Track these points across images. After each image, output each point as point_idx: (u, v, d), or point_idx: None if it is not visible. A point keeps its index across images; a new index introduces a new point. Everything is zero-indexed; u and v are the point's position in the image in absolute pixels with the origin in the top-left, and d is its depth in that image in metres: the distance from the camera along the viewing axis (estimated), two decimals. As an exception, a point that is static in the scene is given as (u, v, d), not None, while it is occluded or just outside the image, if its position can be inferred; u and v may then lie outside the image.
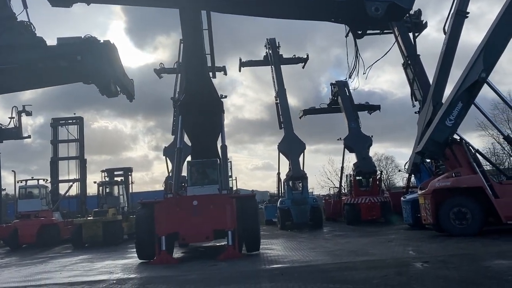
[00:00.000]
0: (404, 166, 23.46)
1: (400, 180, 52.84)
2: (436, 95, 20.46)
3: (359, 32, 10.69)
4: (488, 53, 15.81)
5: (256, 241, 13.55)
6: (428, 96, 21.25)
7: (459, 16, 20.08)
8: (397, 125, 69.73)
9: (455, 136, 16.07)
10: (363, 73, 11.89)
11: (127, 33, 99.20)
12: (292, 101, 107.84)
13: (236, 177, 17.57)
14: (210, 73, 18.84)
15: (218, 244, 17.75)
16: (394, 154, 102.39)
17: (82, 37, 9.88)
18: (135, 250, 18.29)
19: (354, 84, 36.07)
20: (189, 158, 19.55)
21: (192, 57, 16.01)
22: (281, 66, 30.14)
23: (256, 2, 10.54)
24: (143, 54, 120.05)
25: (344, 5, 9.73)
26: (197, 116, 18.11)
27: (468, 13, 20.38)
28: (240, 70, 34.29)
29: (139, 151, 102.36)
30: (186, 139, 19.52)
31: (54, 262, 15.86)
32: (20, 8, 10.28)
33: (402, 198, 21.10)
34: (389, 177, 58.46)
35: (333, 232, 21.21)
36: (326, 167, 58.86)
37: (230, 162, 18.36)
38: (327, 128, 65.40)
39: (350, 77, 11.76)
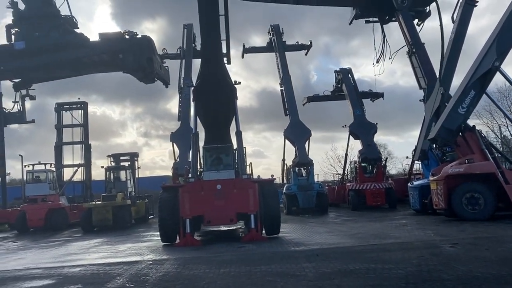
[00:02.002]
0: (412, 152, 23.93)
1: (392, 167, 53.62)
2: (444, 83, 20.82)
3: (386, 18, 10.89)
4: (501, 42, 16.11)
5: (276, 225, 13.83)
6: (435, 84, 21.59)
7: (468, 5, 20.39)
8: (386, 114, 70.65)
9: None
10: (389, 58, 12.10)
11: (112, 18, 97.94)
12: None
13: (251, 162, 17.73)
14: (225, 59, 18.94)
15: (224, 228, 18.05)
16: (384, 142, 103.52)
17: (122, 31, 10.12)
18: (147, 233, 18.81)
19: (380, 69, 36.15)
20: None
21: (208, 44, 16.04)
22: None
23: None
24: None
25: None
26: (211, 102, 18.21)
27: (477, 2, 20.70)
28: (243, 57, 34.27)
29: (127, 137, 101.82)
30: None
31: (73, 245, 15.99)
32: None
33: (409, 184, 21.59)
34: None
35: (341, 217, 21.60)
36: (329, 154, 59.22)
37: (245, 147, 18.57)
38: (328, 115, 65.72)
39: (377, 62, 11.93)
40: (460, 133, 16.32)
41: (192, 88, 18.65)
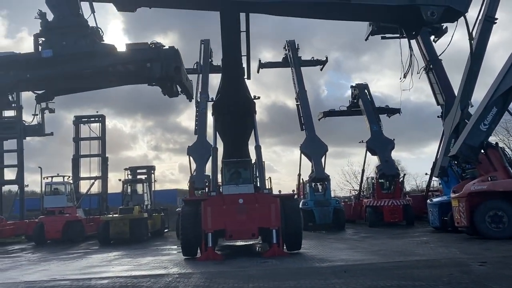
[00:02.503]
0: (431, 169, 23.74)
1: (405, 184, 53.05)
2: (463, 99, 20.75)
3: (413, 33, 10.95)
4: (524, 60, 16.07)
5: (298, 240, 13.76)
6: (455, 100, 21.52)
7: (487, 22, 20.36)
8: (397, 129, 70.10)
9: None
10: (417, 73, 12.20)
11: (125, 33, 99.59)
12: (291, 102, 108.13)
13: (270, 177, 17.70)
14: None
15: (241, 243, 17.91)
16: (397, 158, 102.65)
17: (149, 42, 10.29)
18: (165, 247, 18.81)
19: (409, 84, 35.98)
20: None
21: (229, 60, 16.20)
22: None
23: (314, 4, 10.64)
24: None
25: (400, 10, 9.96)
26: (230, 117, 18.35)
27: (497, 19, 20.67)
28: (258, 72, 34.48)
29: (138, 150, 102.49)
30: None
31: (93, 257, 16.05)
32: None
33: (428, 201, 21.38)
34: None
35: (359, 233, 21.41)
36: (345, 169, 58.82)
37: (264, 162, 18.60)
38: (339, 130, 65.60)
39: (404, 77, 12.02)
40: (482, 150, 16.20)
41: (212, 102, 18.81)
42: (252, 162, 17.97)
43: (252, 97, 19.11)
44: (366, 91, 29.73)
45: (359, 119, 29.29)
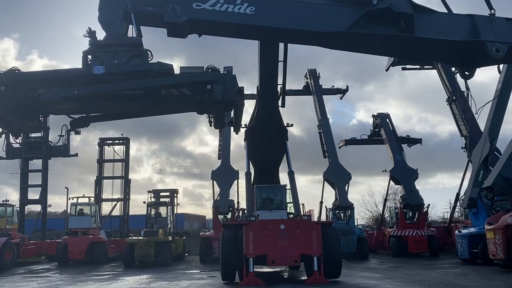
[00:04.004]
0: (460, 200, 23.68)
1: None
2: (492, 131, 20.95)
3: (467, 73, 10.93)
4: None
5: (338, 268, 13.72)
6: (483, 132, 21.72)
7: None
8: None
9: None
10: (475, 113, 12.26)
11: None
12: (295, 130, 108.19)
13: (303, 203, 17.81)
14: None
15: (268, 270, 17.73)
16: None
17: (205, 66, 9.94)
18: (193, 271, 18.72)
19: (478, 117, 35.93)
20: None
21: (266, 89, 16.55)
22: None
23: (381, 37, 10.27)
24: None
25: (464, 46, 10.01)
26: (264, 143, 18.62)
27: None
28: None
29: (143, 173, 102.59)
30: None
31: (126, 279, 16.03)
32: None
33: (456, 232, 21.26)
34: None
35: (385, 263, 21.22)
36: (365, 198, 58.30)
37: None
38: (354, 158, 65.66)
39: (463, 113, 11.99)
40: (517, 183, 16.24)
41: (245, 128, 19.10)
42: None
43: (285, 125, 19.46)
44: (388, 120, 29.98)
45: (385, 148, 29.32)
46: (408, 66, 32.15)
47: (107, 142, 29.99)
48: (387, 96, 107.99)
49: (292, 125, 20.54)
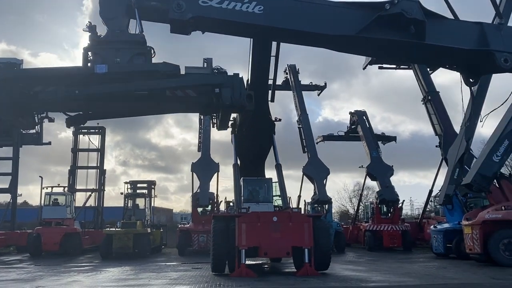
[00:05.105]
0: (435, 197, 24.46)
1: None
2: (468, 131, 21.68)
3: (471, 80, 11.16)
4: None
5: (327, 260, 13.89)
6: (459, 131, 22.47)
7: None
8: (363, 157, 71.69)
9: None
10: (480, 121, 12.59)
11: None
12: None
13: (290, 197, 17.92)
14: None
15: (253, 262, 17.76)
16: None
17: (204, 63, 9.64)
18: (175, 263, 18.52)
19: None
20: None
21: (257, 83, 16.52)
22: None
23: (388, 42, 10.18)
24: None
25: (472, 54, 10.04)
26: (251, 136, 18.62)
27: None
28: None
29: (106, 165, 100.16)
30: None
31: (110, 270, 15.68)
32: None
33: (432, 227, 21.96)
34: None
35: (363, 256, 21.67)
36: (340, 193, 59.22)
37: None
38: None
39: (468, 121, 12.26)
40: (495, 180, 16.97)
41: (232, 121, 19.01)
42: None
43: (273, 119, 19.52)
44: (364, 117, 30.58)
45: (361, 145, 29.90)
46: (384, 66, 32.82)
47: (82, 131, 29.14)
48: (352, 95, 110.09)
49: (280, 119, 20.64)
